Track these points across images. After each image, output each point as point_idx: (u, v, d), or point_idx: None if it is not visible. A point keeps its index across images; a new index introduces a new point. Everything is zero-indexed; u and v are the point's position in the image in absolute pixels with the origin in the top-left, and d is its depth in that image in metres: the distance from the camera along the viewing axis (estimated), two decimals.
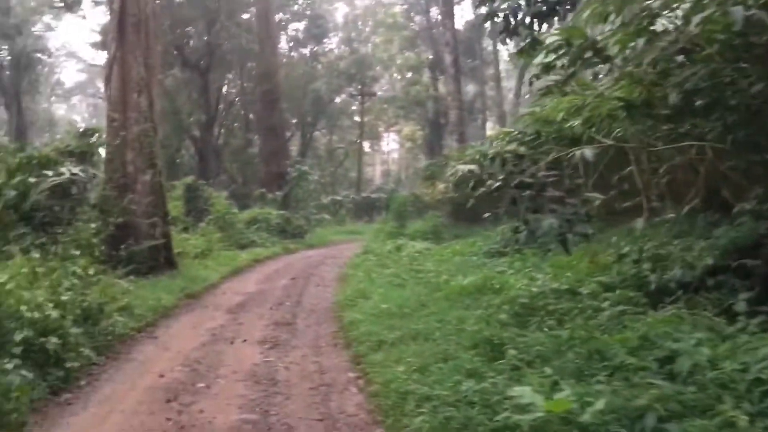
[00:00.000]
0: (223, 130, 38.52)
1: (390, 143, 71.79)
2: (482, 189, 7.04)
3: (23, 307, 5.79)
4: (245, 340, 8.04)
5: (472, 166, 20.99)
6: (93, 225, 10.63)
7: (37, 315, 5.87)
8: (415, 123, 56.79)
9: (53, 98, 65.35)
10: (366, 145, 57.82)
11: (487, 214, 17.41)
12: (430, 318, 7.26)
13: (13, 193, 10.47)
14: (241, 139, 39.34)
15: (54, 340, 5.75)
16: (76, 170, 10.82)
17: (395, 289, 9.73)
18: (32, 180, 10.35)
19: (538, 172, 5.92)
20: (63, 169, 10.70)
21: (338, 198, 39.02)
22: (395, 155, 72.95)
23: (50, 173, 10.55)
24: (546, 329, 5.83)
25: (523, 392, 3.62)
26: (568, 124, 10.62)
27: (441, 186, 24.25)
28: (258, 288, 13.07)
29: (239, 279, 14.83)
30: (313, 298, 11.54)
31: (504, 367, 4.82)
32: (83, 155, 12.34)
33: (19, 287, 6.31)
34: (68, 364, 5.91)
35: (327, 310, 10.14)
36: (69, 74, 74.99)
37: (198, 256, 16.61)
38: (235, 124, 40.55)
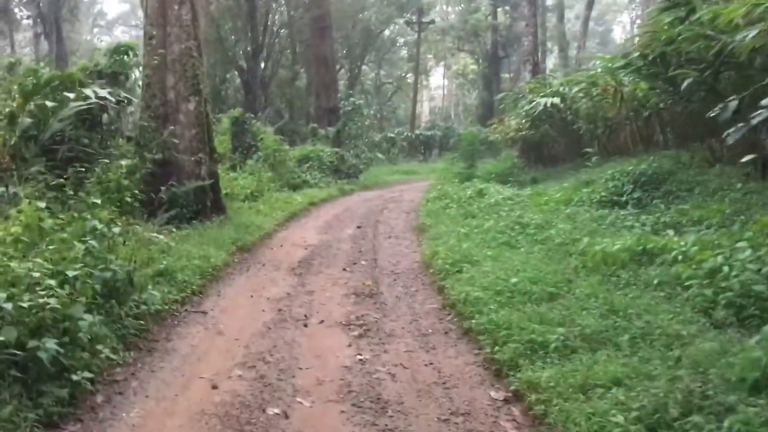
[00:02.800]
0: (270, 62, 36.15)
1: (438, 79, 68.50)
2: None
3: (1, 294, 3.76)
4: (322, 321, 5.98)
5: (555, 100, 18.48)
6: (123, 162, 8.52)
7: (27, 302, 3.85)
8: (469, 56, 53.56)
9: (95, 30, 63.78)
10: (412, 81, 54.73)
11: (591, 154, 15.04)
12: (591, 304, 5.05)
13: (29, 120, 8.47)
14: (288, 70, 36.92)
15: (51, 344, 3.74)
16: (103, 92, 8.71)
17: (508, 252, 7.51)
18: (50, 104, 8.26)
19: None
20: (87, 91, 8.58)
21: (391, 135, 36.55)
22: (442, 92, 69.76)
23: (72, 96, 8.46)
24: None
25: None
26: (742, 35, 8.12)
27: (513, 122, 21.66)
28: (321, 239, 11.02)
29: (296, 226, 12.82)
30: (391, 255, 9.43)
31: None
32: (115, 77, 10.26)
33: (8, 254, 4.29)
34: (76, 376, 3.91)
35: (415, 274, 8.02)
36: (111, 5, 73.41)
37: (248, 198, 14.68)
38: (282, 55, 38.08)
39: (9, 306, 3.66)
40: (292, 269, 8.44)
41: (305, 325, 5.85)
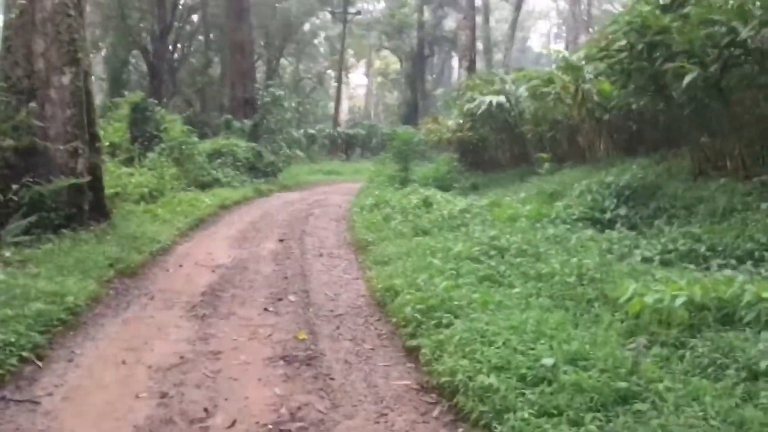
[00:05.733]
0: (179, 45, 32.87)
1: (358, 77, 66.52)
2: None
3: None
4: (234, 424, 3.62)
5: (501, 98, 16.68)
6: None
7: None
8: (392, 54, 51.80)
9: None
10: (334, 77, 52.33)
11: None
12: (703, 420, 2.97)
13: None
14: (201, 56, 33.78)
15: None
16: None
17: (499, 294, 5.35)
18: None
19: None
20: None
21: (311, 132, 34.03)
22: (362, 90, 67.98)
23: None
24: None
25: None
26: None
27: (450, 122, 19.80)
28: (234, 256, 8.62)
29: (203, 236, 10.32)
30: (327, 284, 7.17)
31: None
32: None
33: None
34: None
35: (365, 318, 5.79)
36: None
37: (144, 198, 12.01)
38: (194, 40, 34.86)
39: None
40: (191, 307, 6.02)
41: None
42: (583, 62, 12.34)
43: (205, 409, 3.76)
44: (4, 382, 3.92)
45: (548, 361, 3.60)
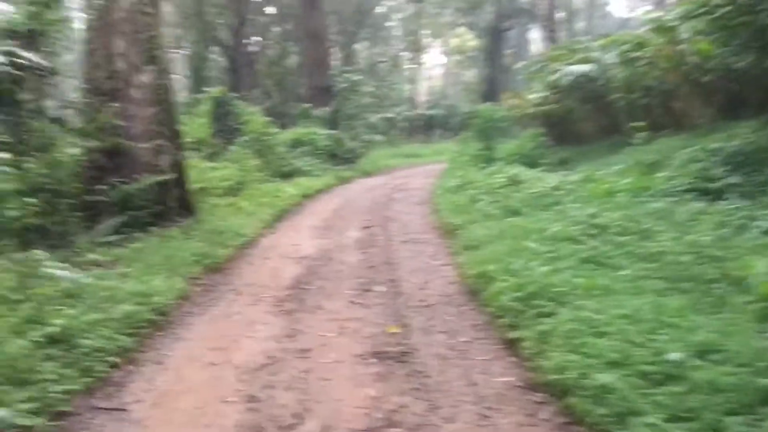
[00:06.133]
0: (256, 38, 33.22)
1: (434, 57, 65.49)
2: None
3: None
4: (325, 431, 3.40)
5: (587, 67, 15.81)
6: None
7: None
8: (468, 31, 50.64)
9: None
10: (408, 59, 51.62)
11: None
12: None
13: None
14: (277, 47, 34.03)
15: None
16: (22, 56, 5.94)
17: (605, 277, 4.90)
18: None
19: None
20: None
21: (390, 115, 33.71)
22: (439, 70, 66.86)
23: None
24: None
25: None
26: None
27: (533, 96, 19.03)
28: (318, 246, 8.45)
29: (287, 227, 10.24)
30: (415, 271, 6.86)
31: None
32: (32, 37, 7.58)
33: None
34: None
35: (457, 307, 5.45)
36: None
37: (228, 192, 12.06)
38: (270, 31, 35.15)
39: None
40: (278, 302, 5.86)
41: None
42: (677, 22, 11.46)
43: (296, 414, 3.54)
44: (93, 390, 3.83)
45: (675, 356, 3.16)
